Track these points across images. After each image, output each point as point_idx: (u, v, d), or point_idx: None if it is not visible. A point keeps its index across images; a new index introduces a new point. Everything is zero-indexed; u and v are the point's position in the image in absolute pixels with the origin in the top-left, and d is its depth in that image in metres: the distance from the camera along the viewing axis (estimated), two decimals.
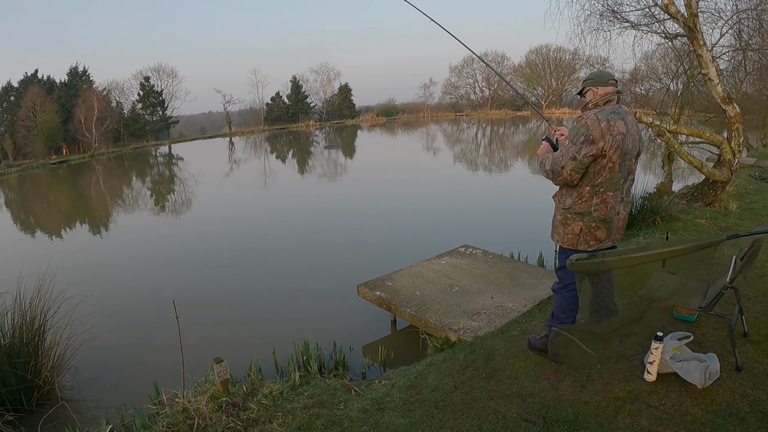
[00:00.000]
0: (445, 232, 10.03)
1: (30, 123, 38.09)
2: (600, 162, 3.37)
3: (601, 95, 3.50)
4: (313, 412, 3.64)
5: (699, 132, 8.48)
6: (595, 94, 3.53)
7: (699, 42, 7.77)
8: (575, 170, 3.40)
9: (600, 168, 3.39)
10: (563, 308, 3.84)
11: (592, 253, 3.63)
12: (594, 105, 3.50)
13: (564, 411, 3.37)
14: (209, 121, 65.19)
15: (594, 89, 3.55)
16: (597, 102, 3.49)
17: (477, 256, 6.63)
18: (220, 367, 3.86)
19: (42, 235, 13.75)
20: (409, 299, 5.41)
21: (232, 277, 8.36)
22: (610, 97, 3.48)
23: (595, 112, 3.39)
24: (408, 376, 4.10)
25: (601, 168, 3.38)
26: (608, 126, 3.30)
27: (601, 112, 3.38)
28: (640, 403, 3.41)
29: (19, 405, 4.61)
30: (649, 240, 6.99)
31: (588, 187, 3.47)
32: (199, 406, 3.73)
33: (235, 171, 25.22)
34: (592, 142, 3.30)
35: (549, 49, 54.96)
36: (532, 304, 5.16)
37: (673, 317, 4.67)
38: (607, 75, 3.57)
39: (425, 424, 3.36)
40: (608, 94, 3.48)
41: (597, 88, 3.53)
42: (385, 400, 3.75)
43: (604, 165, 3.37)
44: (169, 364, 5.36)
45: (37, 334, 4.88)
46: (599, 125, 3.30)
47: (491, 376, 3.88)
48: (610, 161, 3.36)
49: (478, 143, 32.65)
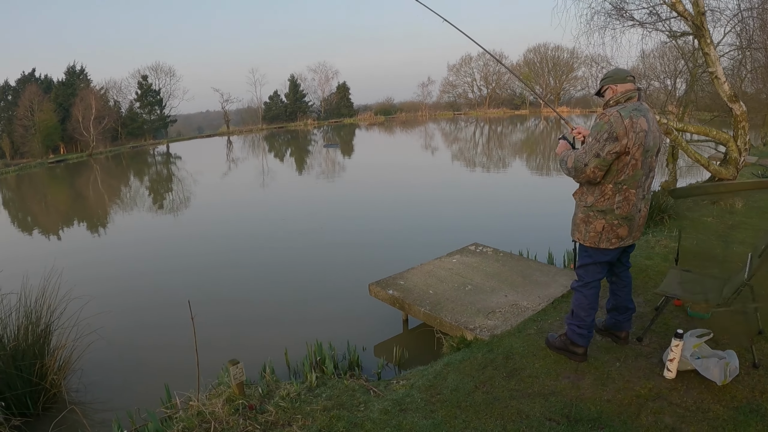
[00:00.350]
0: (450, 230, 10.02)
1: (27, 122, 37.94)
2: (623, 159, 3.37)
3: (621, 92, 3.49)
4: (334, 414, 3.58)
5: (706, 130, 8.50)
6: (615, 91, 3.53)
7: (706, 40, 7.79)
8: (598, 167, 3.39)
9: (623, 165, 3.38)
10: (584, 306, 3.83)
11: (693, 185, 3.62)
12: (615, 102, 3.49)
13: (587, 409, 3.36)
14: (206, 120, 65.02)
15: (613, 87, 3.54)
16: (618, 99, 3.48)
17: (488, 254, 6.61)
18: (236, 369, 3.78)
19: (45, 234, 13.66)
20: (422, 298, 5.37)
21: (237, 278, 8.30)
22: (630, 94, 3.48)
23: (618, 109, 3.39)
24: (426, 376, 4.06)
25: (624, 165, 3.38)
26: (631, 123, 3.30)
27: (624, 108, 3.37)
28: (662, 401, 3.41)
29: (25, 409, 4.48)
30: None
31: (611, 185, 3.47)
32: (215, 410, 3.65)
33: (236, 170, 25.16)
34: (616, 139, 3.30)
35: (547, 48, 55.07)
36: (547, 302, 5.15)
37: (688, 315, 4.67)
38: (625, 72, 3.56)
39: (449, 425, 3.34)
40: (629, 91, 3.48)
41: (616, 85, 3.53)
42: (405, 401, 3.71)
43: (627, 162, 3.37)
44: (178, 366, 5.33)
45: (42, 335, 4.76)
46: (622, 122, 3.30)
47: (511, 375, 3.87)
48: (633, 158, 3.36)
49: (476, 142, 32.65)
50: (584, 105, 50.82)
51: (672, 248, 6.57)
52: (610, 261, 3.76)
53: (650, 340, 4.23)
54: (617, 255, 3.76)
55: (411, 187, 16.06)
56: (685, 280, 4.44)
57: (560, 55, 54.71)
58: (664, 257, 6.29)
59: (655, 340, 4.23)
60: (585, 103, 51.53)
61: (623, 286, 4.02)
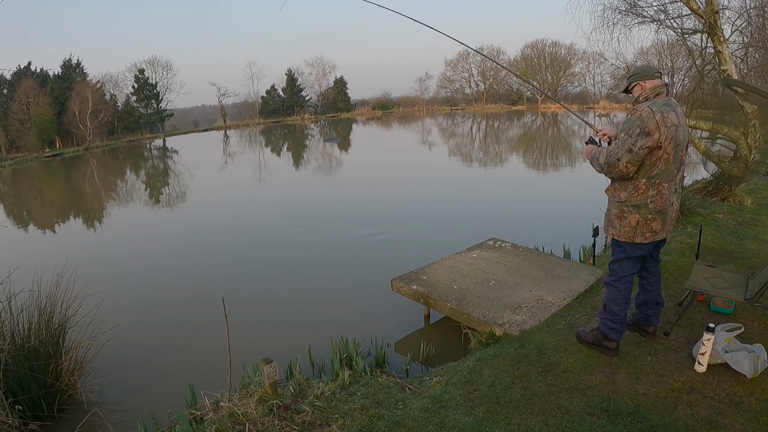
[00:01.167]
0: (464, 226, 10.02)
1: (23, 116, 37.60)
2: (656, 154, 3.43)
3: (650, 88, 3.56)
4: (373, 413, 3.55)
5: (717, 127, 8.56)
6: (644, 88, 3.59)
7: (719, 38, 7.84)
8: (631, 162, 3.45)
9: (656, 160, 3.45)
10: (617, 301, 3.89)
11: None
12: (645, 98, 3.55)
13: (624, 403, 3.42)
14: (202, 114, 64.73)
15: (642, 84, 3.61)
16: (647, 95, 3.55)
17: (507, 249, 6.66)
18: (269, 368, 3.68)
19: (52, 230, 13.50)
20: (447, 293, 5.39)
21: (253, 276, 8.24)
22: (659, 89, 3.54)
23: (649, 104, 3.45)
24: (461, 372, 4.09)
25: (656, 160, 3.45)
26: (662, 117, 3.37)
27: (654, 104, 3.44)
28: (696, 394, 3.48)
29: (39, 411, 4.34)
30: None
31: (644, 179, 3.53)
32: (248, 410, 3.56)
33: (236, 165, 25.01)
34: (648, 134, 3.36)
35: (545, 44, 55.00)
36: (571, 297, 5.20)
37: (710, 309, 4.73)
38: (652, 69, 3.62)
39: (491, 421, 3.37)
40: (657, 87, 3.55)
41: (645, 82, 3.60)
42: (444, 398, 3.72)
43: (659, 156, 3.43)
44: (199, 366, 5.28)
45: (56, 333, 4.59)
46: (654, 117, 3.36)
47: (547, 370, 3.92)
48: (666, 153, 3.42)
49: (481, 139, 32.61)
50: (581, 101, 50.89)
51: (687, 244, 6.65)
52: (643, 255, 3.82)
53: (677, 334, 4.30)
54: (650, 249, 3.83)
55: (417, 184, 16.03)
56: (710, 276, 4.50)
57: (558, 51, 54.75)
58: (681, 253, 6.36)
59: (682, 334, 4.30)
60: (582, 99, 51.62)
61: (654, 281, 4.08)
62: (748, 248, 6.62)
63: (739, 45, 10.89)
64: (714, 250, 6.49)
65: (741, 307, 4.69)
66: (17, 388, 4.24)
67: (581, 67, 54.51)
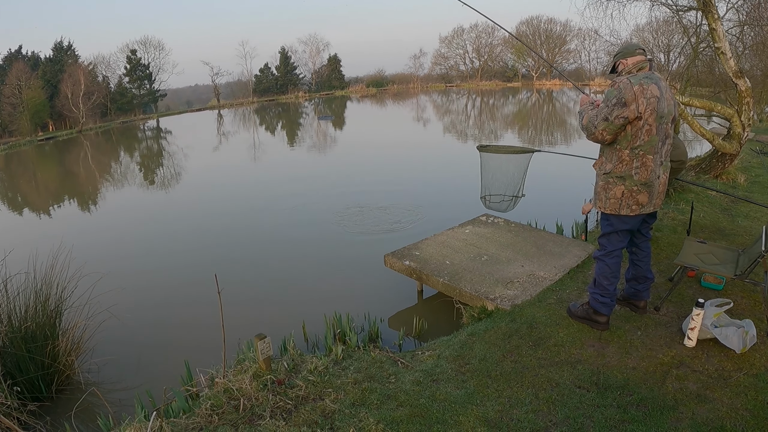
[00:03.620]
0: (456, 202, 10.02)
1: (15, 100, 37.10)
2: (636, 124, 3.51)
3: (632, 64, 3.64)
4: (365, 386, 3.60)
5: (711, 105, 8.54)
6: (626, 64, 3.68)
7: (713, 15, 7.79)
8: (606, 130, 3.57)
9: (637, 130, 3.52)
10: (606, 275, 3.95)
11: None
12: (627, 72, 3.64)
13: (614, 377, 3.47)
14: (195, 93, 64.17)
15: (624, 61, 3.70)
16: (630, 70, 3.64)
17: (500, 225, 6.67)
18: (263, 344, 3.70)
19: (46, 213, 13.42)
20: (440, 268, 5.41)
21: (246, 254, 8.24)
22: (641, 64, 3.63)
23: (628, 77, 3.55)
24: (453, 347, 4.13)
25: (638, 130, 3.52)
26: (641, 89, 3.44)
27: (634, 77, 3.54)
28: (685, 368, 3.53)
29: (38, 393, 4.36)
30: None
31: (627, 150, 3.60)
32: (242, 386, 3.59)
33: (229, 144, 24.84)
34: (624, 105, 3.45)
35: (540, 21, 54.64)
36: (563, 272, 5.23)
37: (701, 285, 4.78)
38: (634, 46, 3.71)
39: (482, 394, 3.42)
40: (639, 62, 3.63)
41: (626, 59, 3.68)
42: (436, 372, 3.77)
43: (640, 127, 3.51)
44: (194, 343, 5.34)
45: (53, 315, 4.61)
46: (631, 88, 3.45)
47: (537, 344, 3.96)
48: (647, 123, 3.49)
49: (477, 116, 32.48)
50: (576, 77, 50.68)
51: (680, 221, 6.68)
52: (630, 229, 3.88)
53: (667, 309, 4.35)
54: (638, 223, 3.86)
55: (410, 160, 16.00)
56: (701, 252, 4.53)
57: (553, 28, 54.39)
58: (673, 229, 6.39)
59: (672, 309, 4.34)
60: (577, 76, 51.42)
61: (643, 257, 4.13)
62: (740, 225, 6.66)
63: (735, 23, 10.86)
64: (706, 226, 6.53)
65: (731, 283, 4.74)
66: (15, 370, 4.26)
67: (576, 44, 54.31)
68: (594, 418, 3.08)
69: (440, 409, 3.28)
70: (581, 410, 3.16)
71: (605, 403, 3.21)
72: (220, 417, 3.37)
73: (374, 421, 3.16)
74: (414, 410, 3.27)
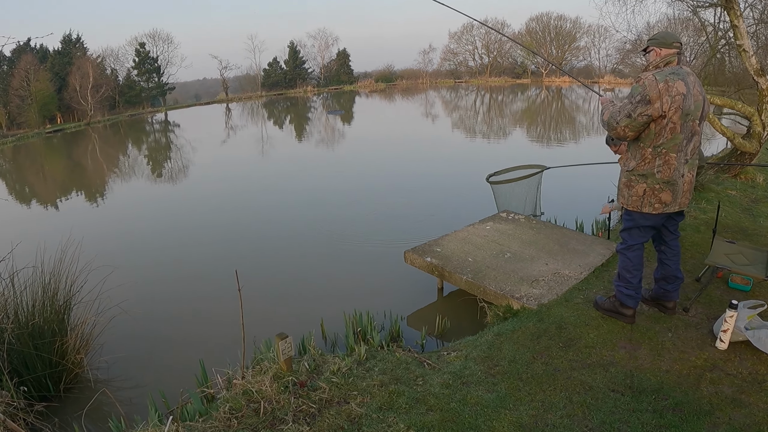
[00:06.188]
0: (475, 198, 9.69)
1: (23, 92, 37.12)
2: (659, 122, 3.43)
3: (662, 56, 3.54)
4: (393, 389, 3.46)
5: (731, 103, 8.43)
6: (658, 55, 3.57)
7: (736, 12, 7.69)
8: (629, 127, 3.51)
9: (660, 129, 3.45)
10: (628, 268, 3.93)
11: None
12: (654, 67, 3.55)
13: (647, 380, 3.40)
14: (203, 87, 64.06)
15: (657, 50, 3.58)
16: (657, 63, 3.54)
17: (521, 221, 6.57)
18: (284, 344, 3.54)
19: (55, 206, 13.36)
20: (463, 266, 5.32)
21: (261, 250, 8.13)
22: (670, 58, 3.52)
23: (654, 72, 3.45)
24: (480, 347, 4.04)
25: (661, 129, 3.45)
26: (666, 86, 3.35)
27: (660, 72, 3.44)
28: (719, 371, 3.45)
29: (45, 391, 4.22)
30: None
31: (650, 149, 3.54)
32: (262, 387, 3.43)
33: (237, 138, 24.76)
34: (648, 102, 3.38)
35: (550, 17, 54.24)
36: (588, 271, 5.15)
37: (728, 286, 4.69)
38: (672, 37, 3.58)
39: (514, 398, 3.33)
40: (669, 55, 3.52)
41: (661, 49, 3.57)
42: (465, 374, 3.66)
43: (664, 125, 3.43)
44: (209, 341, 5.20)
45: (61, 310, 4.44)
46: (656, 85, 3.36)
47: (568, 345, 3.88)
48: (671, 122, 3.41)
49: (477, 110, 32.31)
50: (586, 75, 50.38)
51: (702, 220, 6.60)
52: (653, 226, 3.82)
53: (696, 311, 4.26)
54: (661, 221, 3.80)
55: (424, 156, 15.85)
56: (731, 252, 4.45)
57: (563, 24, 54.04)
58: (696, 228, 6.30)
59: (701, 310, 4.26)
60: (587, 74, 51.11)
61: (672, 255, 4.04)
62: (763, 226, 6.58)
63: (751, 21, 10.71)
64: (728, 226, 6.43)
65: (759, 284, 4.65)
66: (22, 367, 4.12)
67: (586, 41, 53.94)
68: (630, 423, 3.00)
69: (472, 414, 3.18)
70: (617, 415, 3.08)
71: (641, 407, 3.14)
72: (240, 421, 3.23)
73: (404, 427, 3.06)
74: (445, 415, 3.17)
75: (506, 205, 7.03)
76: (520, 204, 7.00)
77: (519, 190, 6.92)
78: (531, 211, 6.96)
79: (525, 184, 6.86)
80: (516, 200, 7.01)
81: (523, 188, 6.89)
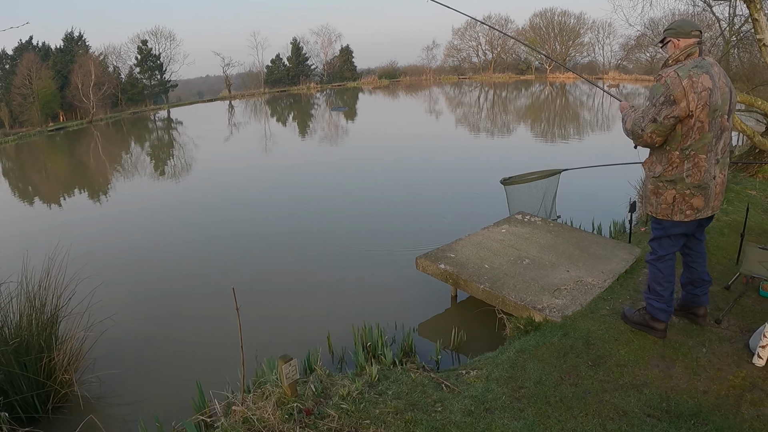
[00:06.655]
0: (487, 198, 9.46)
1: (26, 90, 37.01)
2: (687, 123, 3.15)
3: (681, 48, 3.25)
4: (409, 417, 3.12)
5: (751, 100, 8.17)
6: (677, 46, 3.28)
7: (756, 6, 7.42)
8: (656, 133, 3.23)
9: (688, 129, 3.17)
10: (659, 280, 3.67)
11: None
12: (674, 60, 3.25)
13: (684, 402, 3.17)
14: (206, 84, 63.90)
15: (675, 41, 3.29)
16: (677, 57, 3.24)
17: (537, 224, 6.28)
18: (288, 367, 3.21)
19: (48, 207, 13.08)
20: (479, 273, 5.02)
21: (261, 258, 7.67)
22: (691, 50, 3.22)
23: (676, 68, 3.16)
24: (502, 366, 3.76)
25: (689, 129, 3.16)
26: (691, 83, 3.07)
27: (682, 68, 3.14)
28: (759, 392, 3.24)
29: (33, 411, 3.95)
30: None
31: (677, 152, 3.26)
32: (264, 415, 3.11)
33: (240, 136, 24.46)
34: (674, 103, 3.10)
35: (554, 13, 53.83)
36: (612, 278, 4.87)
37: (759, 294, 4.45)
38: (690, 25, 3.29)
39: (543, 426, 3.05)
40: (689, 46, 3.22)
41: (678, 39, 3.27)
42: (488, 398, 3.36)
43: (692, 126, 3.15)
44: (205, 360, 4.89)
45: (48, 324, 4.15)
46: (680, 83, 3.08)
47: (597, 363, 3.64)
48: (698, 121, 3.13)
49: (481, 107, 32.03)
50: (590, 71, 50.03)
51: (725, 222, 6.39)
52: (685, 233, 3.55)
53: (728, 322, 4.03)
54: (693, 228, 3.54)
55: (432, 154, 15.57)
56: (764, 259, 4.22)
57: (567, 20, 53.64)
58: (719, 231, 6.07)
59: (734, 322, 4.04)
60: (591, 70, 50.75)
61: (698, 257, 3.80)
62: None
63: None
64: (752, 228, 6.16)
65: None
66: (8, 387, 3.85)
67: (590, 37, 53.56)
68: None
69: None
70: None
71: None
72: None
73: None
74: None
75: (521, 208, 6.77)
76: (536, 207, 6.75)
77: (535, 191, 6.67)
78: (546, 215, 6.70)
79: (543, 185, 6.61)
80: (531, 203, 6.76)
81: (540, 190, 6.64)
